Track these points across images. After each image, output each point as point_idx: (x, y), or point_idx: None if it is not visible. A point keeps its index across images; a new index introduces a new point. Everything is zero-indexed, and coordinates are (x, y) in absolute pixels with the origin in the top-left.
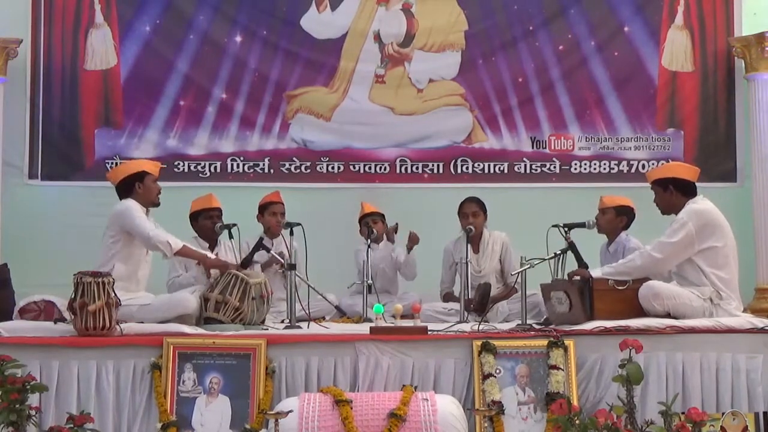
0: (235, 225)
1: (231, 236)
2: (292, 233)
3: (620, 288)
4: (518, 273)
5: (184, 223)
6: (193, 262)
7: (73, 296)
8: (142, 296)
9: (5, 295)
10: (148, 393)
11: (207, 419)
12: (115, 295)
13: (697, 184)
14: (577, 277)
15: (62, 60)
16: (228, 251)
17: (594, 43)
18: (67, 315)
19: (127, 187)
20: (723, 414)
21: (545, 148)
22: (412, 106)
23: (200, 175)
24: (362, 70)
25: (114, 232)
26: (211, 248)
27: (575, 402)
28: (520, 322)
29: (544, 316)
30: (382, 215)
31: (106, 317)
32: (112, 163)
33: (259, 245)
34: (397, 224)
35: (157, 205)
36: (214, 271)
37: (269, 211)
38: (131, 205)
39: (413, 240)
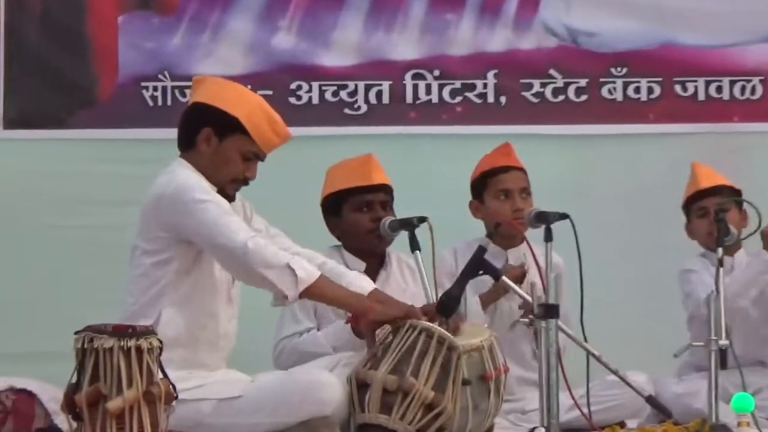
0: (424, 220)
1: (416, 246)
2: None
3: None
4: None
5: (299, 221)
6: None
7: (75, 380)
8: (223, 380)
9: None
10: None
11: None
12: (166, 376)
13: None
14: None
15: None
16: (406, 277)
17: None
18: (61, 420)
19: (190, 132)
20: None
21: None
22: None
23: (344, 111)
24: None
25: (157, 237)
26: (375, 271)
27: None
28: None
29: None
30: None
31: (146, 424)
32: (154, 90)
33: (480, 263)
34: None
35: (231, 196)
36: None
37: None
38: (192, 179)
39: None
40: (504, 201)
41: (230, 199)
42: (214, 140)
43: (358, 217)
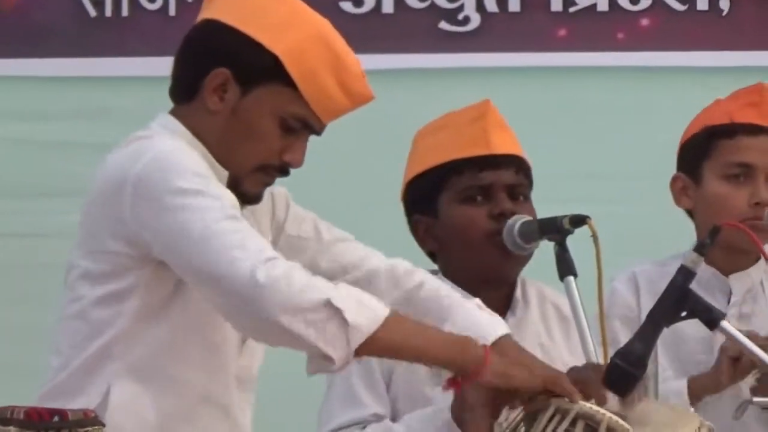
0: (583, 222)
1: (568, 268)
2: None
3: None
4: None
5: (361, 225)
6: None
7: None
8: None
9: None
10: None
11: None
12: None
13: None
14: None
15: None
16: (552, 327)
17: None
18: None
19: (193, 72)
20: None
21: None
22: None
23: (439, 26)
24: None
25: (109, 253)
26: (501, 304)
27: None
28: None
29: None
30: None
31: None
32: None
33: (683, 297)
34: None
35: (254, 194)
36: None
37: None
38: (178, 153)
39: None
40: (739, 184)
41: (254, 199)
42: (234, 90)
43: (468, 212)
